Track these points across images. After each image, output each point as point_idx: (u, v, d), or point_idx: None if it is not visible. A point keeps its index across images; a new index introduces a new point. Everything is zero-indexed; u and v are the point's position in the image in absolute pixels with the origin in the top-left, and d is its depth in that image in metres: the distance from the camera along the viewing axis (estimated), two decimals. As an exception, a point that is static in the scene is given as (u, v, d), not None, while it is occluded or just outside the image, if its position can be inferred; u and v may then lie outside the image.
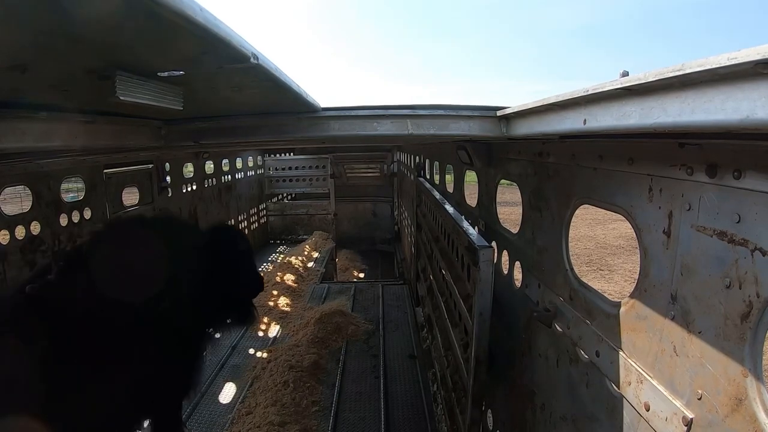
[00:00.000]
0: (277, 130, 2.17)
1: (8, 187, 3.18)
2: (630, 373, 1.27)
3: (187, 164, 5.91)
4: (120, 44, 0.97)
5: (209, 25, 0.87)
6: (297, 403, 3.81)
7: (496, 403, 2.57)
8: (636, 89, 0.96)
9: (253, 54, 1.11)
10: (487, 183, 2.75)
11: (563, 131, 1.37)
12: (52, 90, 1.34)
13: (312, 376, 4.23)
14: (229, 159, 7.42)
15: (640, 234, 1.25)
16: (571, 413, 1.64)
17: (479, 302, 2.16)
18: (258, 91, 1.61)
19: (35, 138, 1.62)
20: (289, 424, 3.53)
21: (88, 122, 1.84)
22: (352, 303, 6.17)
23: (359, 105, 2.05)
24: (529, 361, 2.05)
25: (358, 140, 3.93)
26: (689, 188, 1.06)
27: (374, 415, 3.76)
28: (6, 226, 3.12)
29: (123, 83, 1.18)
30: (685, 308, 1.07)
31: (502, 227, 2.58)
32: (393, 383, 4.22)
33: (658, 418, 1.13)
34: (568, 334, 1.65)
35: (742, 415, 0.91)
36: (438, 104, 2.00)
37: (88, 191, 4.03)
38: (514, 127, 1.84)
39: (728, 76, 0.72)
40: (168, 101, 1.40)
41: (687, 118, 0.83)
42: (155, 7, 0.74)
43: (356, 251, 10.56)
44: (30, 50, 0.93)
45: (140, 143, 2.23)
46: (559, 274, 1.74)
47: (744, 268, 0.91)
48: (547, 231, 1.87)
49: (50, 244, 3.48)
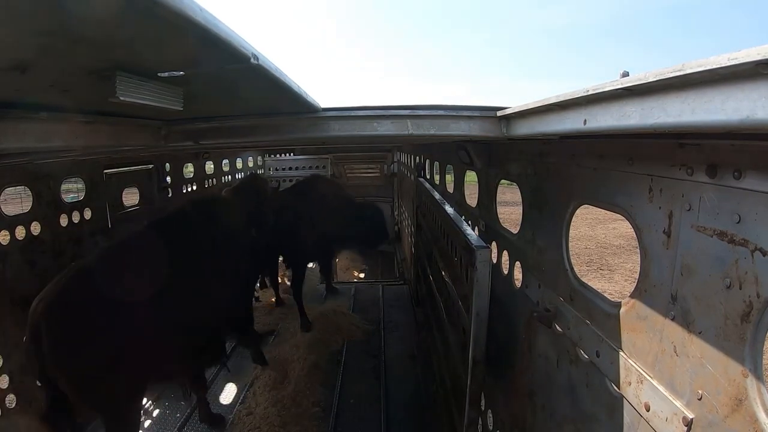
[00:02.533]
0: (277, 131, 2.17)
1: (8, 188, 3.18)
2: (630, 374, 1.27)
3: (187, 164, 5.91)
4: (120, 44, 0.97)
5: (209, 25, 0.87)
6: (297, 403, 3.82)
7: (496, 404, 2.57)
8: (636, 89, 0.96)
9: (253, 54, 1.10)
10: (487, 183, 2.75)
11: (563, 131, 1.37)
12: (52, 90, 1.34)
13: (312, 377, 4.23)
14: (230, 159, 7.41)
15: (640, 234, 1.25)
16: (572, 413, 1.64)
17: (476, 303, 2.16)
18: (258, 91, 1.61)
19: (35, 138, 1.62)
20: (289, 425, 3.53)
21: (88, 122, 1.84)
22: (352, 303, 6.17)
23: (359, 105, 2.05)
24: (529, 361, 2.05)
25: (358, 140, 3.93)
26: (689, 188, 1.06)
27: (374, 416, 3.76)
28: (6, 226, 3.12)
29: (123, 83, 1.18)
30: (686, 308, 1.07)
31: (502, 227, 2.57)
32: (393, 384, 4.22)
33: (659, 418, 1.13)
34: (568, 334, 1.65)
35: (743, 416, 0.91)
36: (438, 104, 2.00)
37: (88, 191, 4.03)
38: (515, 128, 1.84)
39: (728, 77, 0.72)
40: (168, 101, 1.40)
41: (687, 118, 0.83)
42: (155, 7, 0.74)
43: (356, 251, 10.54)
44: (30, 50, 0.93)
45: (140, 143, 2.23)
46: (560, 274, 1.74)
47: (744, 268, 0.91)
48: (547, 231, 1.87)
49: (50, 244, 3.48)
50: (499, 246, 2.53)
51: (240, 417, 3.70)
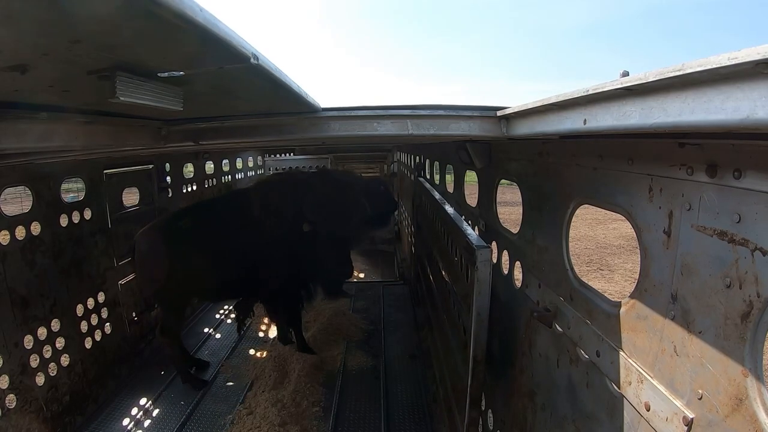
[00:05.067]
0: (277, 131, 2.17)
1: (8, 188, 3.18)
2: (630, 373, 1.27)
3: (187, 164, 5.91)
4: (120, 45, 0.97)
5: (209, 25, 0.87)
6: (297, 403, 3.81)
7: (496, 403, 2.57)
8: (636, 89, 0.96)
9: (253, 54, 1.10)
10: (487, 183, 2.75)
11: (563, 131, 1.37)
12: (52, 90, 1.34)
13: (312, 377, 4.22)
14: (230, 159, 7.41)
15: (640, 234, 1.25)
16: (572, 413, 1.64)
17: (477, 302, 2.16)
18: (258, 91, 1.61)
19: (35, 138, 1.62)
20: (289, 425, 3.53)
21: (88, 122, 1.84)
22: (352, 303, 6.17)
23: (359, 105, 2.05)
24: (529, 360, 2.05)
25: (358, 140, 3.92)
26: (689, 188, 1.06)
27: (374, 416, 3.75)
28: (6, 226, 3.12)
29: (123, 84, 1.18)
30: (686, 308, 1.07)
31: (502, 227, 2.58)
32: (393, 383, 4.22)
33: (659, 417, 1.13)
34: (569, 334, 1.65)
35: (743, 415, 0.91)
36: (438, 104, 2.00)
37: (88, 191, 4.03)
38: (515, 127, 1.84)
39: (728, 76, 0.72)
40: (168, 102, 1.40)
41: (687, 118, 0.83)
42: (155, 8, 0.74)
43: (356, 251, 10.53)
44: (30, 50, 0.93)
45: (140, 143, 2.24)
46: (560, 273, 1.74)
47: (744, 268, 0.91)
48: (548, 231, 1.87)
49: (50, 244, 3.48)
50: (499, 246, 2.53)
51: (240, 417, 3.69)
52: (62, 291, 3.59)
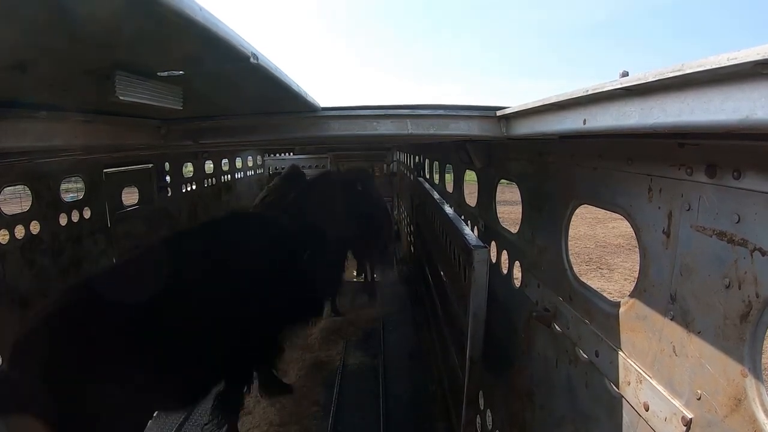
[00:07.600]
0: (277, 130, 2.17)
1: (8, 187, 3.17)
2: (629, 373, 1.27)
3: (187, 164, 5.90)
4: (120, 44, 0.97)
5: (209, 24, 0.87)
6: (297, 403, 3.81)
7: (495, 403, 2.57)
8: (636, 89, 0.96)
9: (253, 54, 1.10)
10: (486, 183, 2.75)
11: (563, 131, 1.37)
12: (51, 90, 1.34)
13: (312, 377, 4.23)
14: (229, 159, 7.41)
15: (639, 234, 1.25)
16: (571, 413, 1.64)
17: (474, 303, 2.16)
18: (258, 90, 1.61)
19: (35, 137, 1.62)
20: (289, 424, 3.54)
21: (87, 122, 1.83)
22: (352, 303, 6.17)
23: (359, 105, 2.05)
24: (528, 361, 2.05)
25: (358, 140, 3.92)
26: (689, 188, 1.06)
27: (374, 415, 3.75)
28: (6, 225, 3.11)
29: (122, 83, 1.18)
30: (685, 308, 1.07)
31: (501, 227, 2.57)
32: (392, 383, 4.22)
33: (658, 418, 1.13)
34: (568, 334, 1.65)
35: (742, 415, 0.91)
36: (438, 104, 2.00)
37: (88, 191, 4.02)
38: (514, 127, 1.84)
39: (728, 77, 0.72)
40: (167, 101, 1.40)
41: (687, 118, 0.83)
42: (155, 7, 0.74)
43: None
44: (30, 50, 0.93)
45: (140, 143, 2.23)
46: (559, 273, 1.74)
47: (743, 268, 0.91)
48: (547, 231, 1.87)
49: (50, 243, 3.47)
50: (499, 246, 2.53)
51: (240, 416, 3.70)
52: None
